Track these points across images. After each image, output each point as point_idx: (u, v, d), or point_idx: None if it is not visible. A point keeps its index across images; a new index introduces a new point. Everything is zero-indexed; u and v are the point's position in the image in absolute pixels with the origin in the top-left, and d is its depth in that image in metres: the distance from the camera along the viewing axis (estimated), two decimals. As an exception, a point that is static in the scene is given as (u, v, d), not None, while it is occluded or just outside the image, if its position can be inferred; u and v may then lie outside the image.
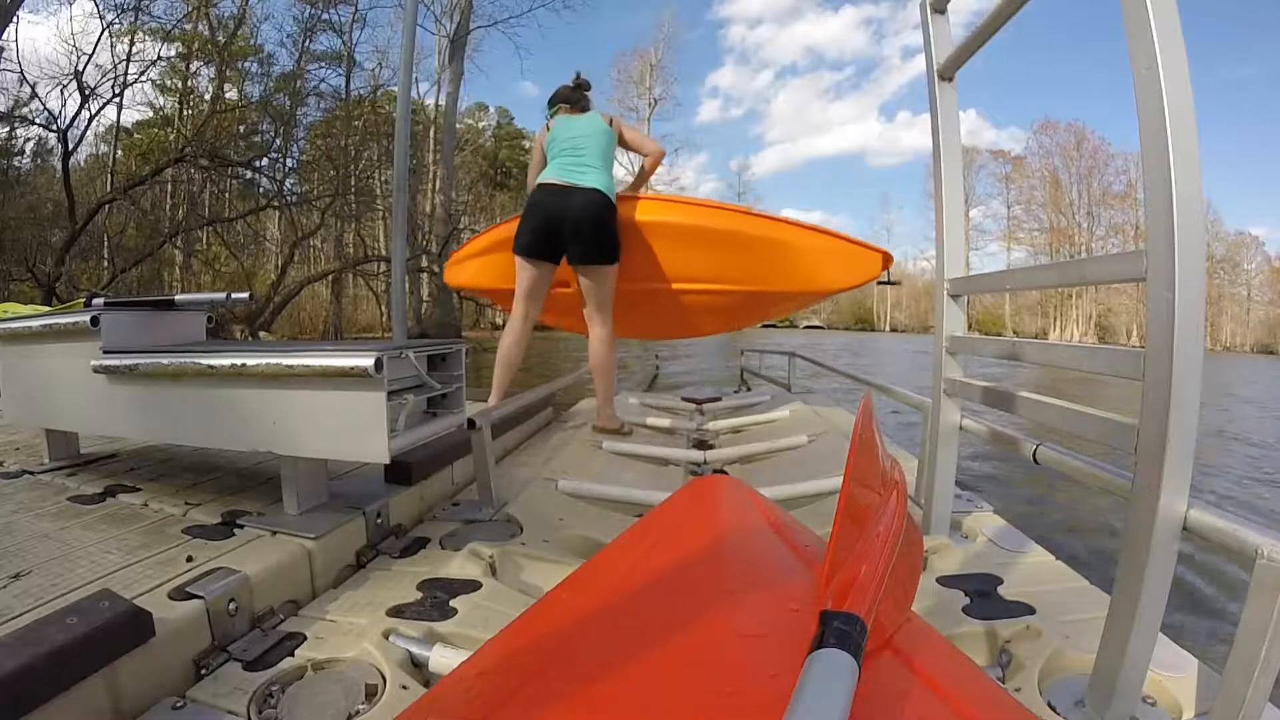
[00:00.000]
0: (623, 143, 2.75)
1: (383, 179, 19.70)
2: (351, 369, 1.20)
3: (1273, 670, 0.68)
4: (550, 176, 2.58)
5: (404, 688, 0.95)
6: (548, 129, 2.72)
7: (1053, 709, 0.91)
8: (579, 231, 2.53)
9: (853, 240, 2.81)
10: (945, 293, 1.44)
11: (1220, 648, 1.88)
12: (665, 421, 3.58)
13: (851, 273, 2.77)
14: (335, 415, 1.27)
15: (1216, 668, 0.90)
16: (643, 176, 3.01)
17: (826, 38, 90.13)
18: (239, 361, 1.30)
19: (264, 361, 1.27)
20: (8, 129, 12.88)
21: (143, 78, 13.79)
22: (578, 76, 2.95)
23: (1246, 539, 0.73)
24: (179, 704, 0.91)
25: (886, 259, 2.84)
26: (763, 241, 2.72)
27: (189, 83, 16.06)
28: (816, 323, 51.52)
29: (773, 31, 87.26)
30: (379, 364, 1.19)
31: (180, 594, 1.04)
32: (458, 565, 1.38)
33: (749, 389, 5.38)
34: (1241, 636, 0.70)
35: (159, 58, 13.95)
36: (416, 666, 1.03)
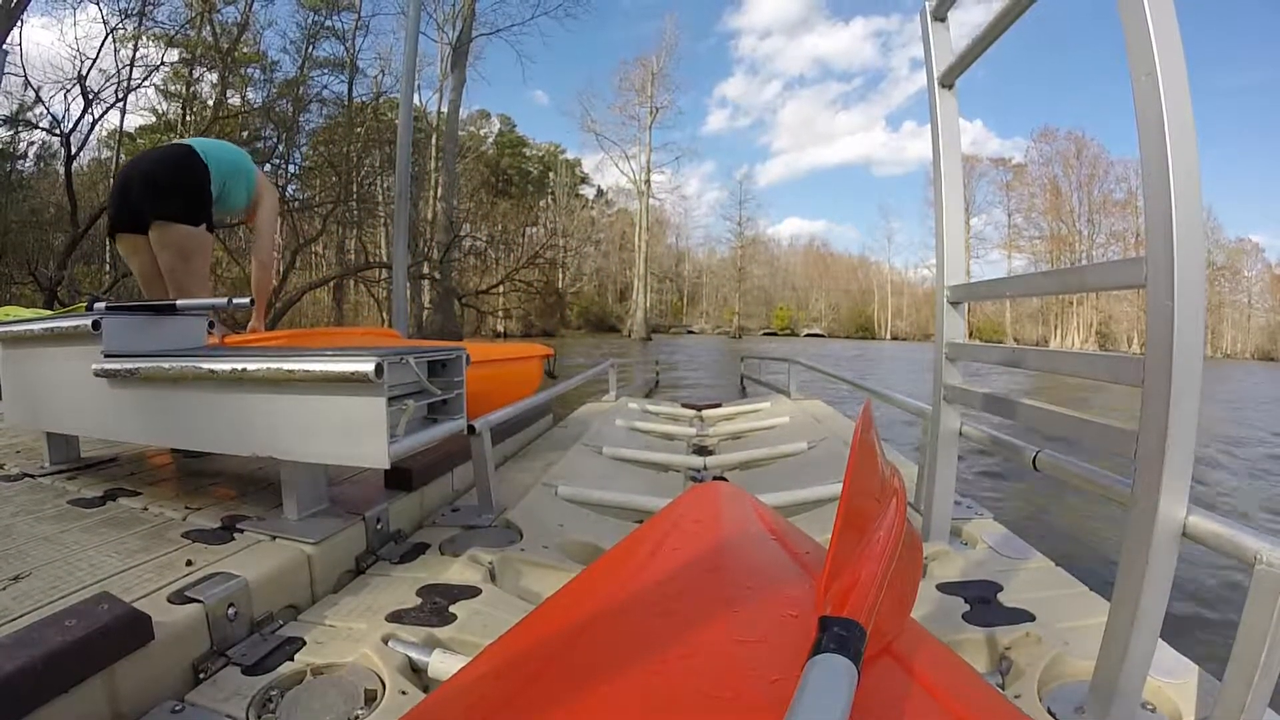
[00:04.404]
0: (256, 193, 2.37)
1: (385, 185, 19.79)
2: (352, 374, 1.20)
3: (1272, 675, 0.68)
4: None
5: (403, 693, 0.95)
6: None
7: (1052, 715, 0.91)
8: (152, 182, 2.06)
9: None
10: (945, 300, 1.44)
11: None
12: (665, 427, 3.58)
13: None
14: (335, 420, 1.27)
15: (1216, 673, 0.89)
16: (260, 298, 2.41)
17: (835, 49, 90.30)
18: (239, 366, 1.30)
19: (264, 366, 1.27)
20: (12, 133, 12.92)
21: (146, 83, 13.86)
22: None
23: (1245, 544, 0.73)
24: (178, 707, 0.91)
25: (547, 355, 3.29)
26: None
27: (192, 88, 16.12)
28: (817, 330, 51.42)
29: (782, 43, 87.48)
30: (379, 369, 1.19)
31: (179, 598, 1.04)
32: (457, 571, 1.38)
33: (748, 395, 5.39)
34: (1241, 641, 0.70)
35: (162, 63, 14.04)
36: (416, 672, 1.03)
